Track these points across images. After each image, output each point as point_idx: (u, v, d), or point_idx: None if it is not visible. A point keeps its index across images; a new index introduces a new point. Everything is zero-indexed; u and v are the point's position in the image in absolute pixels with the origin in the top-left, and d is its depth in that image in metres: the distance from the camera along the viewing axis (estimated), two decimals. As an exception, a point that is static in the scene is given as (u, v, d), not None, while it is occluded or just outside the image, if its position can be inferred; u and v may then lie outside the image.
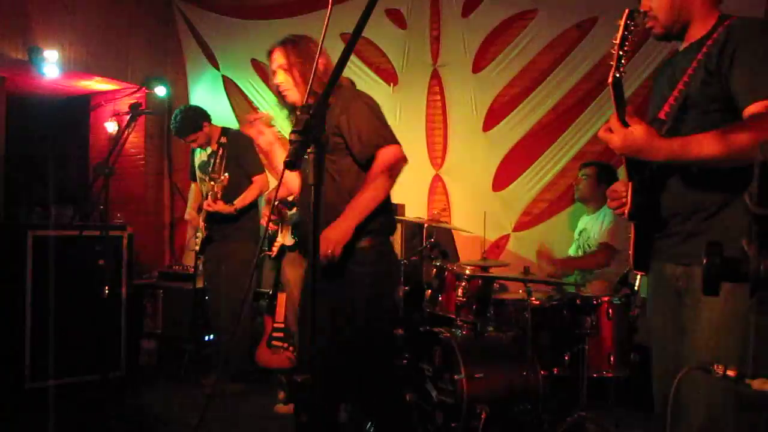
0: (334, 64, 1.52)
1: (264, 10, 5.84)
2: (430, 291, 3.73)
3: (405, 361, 3.54)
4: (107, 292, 3.62)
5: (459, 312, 3.43)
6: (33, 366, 3.83)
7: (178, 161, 6.51)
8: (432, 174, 5.17)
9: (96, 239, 4.00)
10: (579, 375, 3.04)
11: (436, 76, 5.18)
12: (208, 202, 4.12)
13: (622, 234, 3.63)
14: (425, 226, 4.15)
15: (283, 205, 4.24)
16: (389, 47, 5.31)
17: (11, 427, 3.45)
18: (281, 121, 2.94)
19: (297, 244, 4.23)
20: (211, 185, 4.08)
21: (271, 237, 4.39)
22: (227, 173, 4.03)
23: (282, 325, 4.26)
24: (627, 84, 1.70)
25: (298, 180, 2.73)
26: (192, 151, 4.60)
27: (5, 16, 5.15)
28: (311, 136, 1.39)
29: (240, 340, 4.32)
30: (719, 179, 1.70)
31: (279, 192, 3.39)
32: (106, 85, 6.33)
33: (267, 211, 4.50)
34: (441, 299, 3.62)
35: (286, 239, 4.34)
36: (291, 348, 4.14)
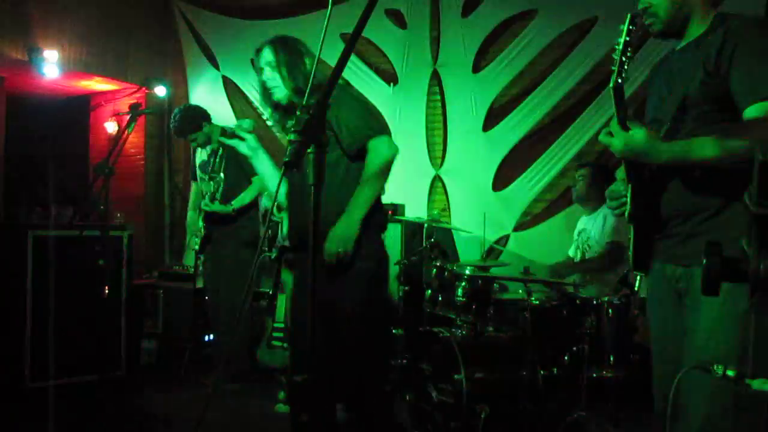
0: (330, 64, 1.52)
1: (264, 10, 5.84)
2: (430, 291, 3.73)
3: (405, 361, 3.54)
4: (107, 292, 3.62)
5: (459, 312, 3.43)
6: (33, 366, 3.83)
7: (178, 161, 6.51)
8: (432, 174, 5.17)
9: (96, 239, 4.00)
10: (579, 375, 3.04)
11: (436, 76, 5.18)
12: (205, 202, 4.12)
13: (625, 230, 3.63)
14: (425, 226, 4.15)
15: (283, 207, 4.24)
16: (389, 47, 5.31)
17: (11, 427, 3.45)
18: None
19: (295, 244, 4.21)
20: (210, 185, 4.09)
21: (271, 238, 4.39)
22: (226, 173, 4.02)
23: (282, 325, 4.26)
24: (627, 84, 1.70)
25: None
26: (193, 151, 4.60)
27: (5, 16, 5.15)
28: (311, 136, 1.39)
29: (240, 340, 4.32)
30: (719, 180, 1.70)
31: None
32: (106, 85, 6.33)
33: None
34: (441, 299, 3.62)
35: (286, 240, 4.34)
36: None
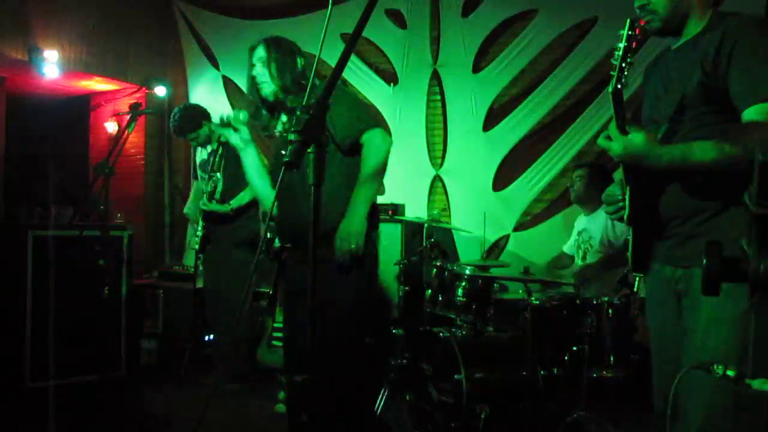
0: (330, 64, 1.53)
1: (264, 10, 5.84)
2: (430, 291, 3.73)
3: (405, 361, 3.54)
4: (107, 292, 3.62)
5: (459, 312, 3.43)
6: (33, 366, 3.83)
7: (178, 161, 6.51)
8: (432, 174, 5.17)
9: (96, 239, 4.00)
10: (579, 375, 3.04)
11: (436, 76, 5.18)
12: (203, 201, 4.12)
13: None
14: (425, 226, 4.15)
15: None
16: (389, 47, 5.31)
17: (11, 427, 3.45)
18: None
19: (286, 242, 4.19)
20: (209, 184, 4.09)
21: (270, 239, 4.38)
22: (225, 172, 4.02)
23: (282, 325, 4.26)
24: (631, 78, 1.68)
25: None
26: (194, 150, 4.60)
27: (5, 16, 5.15)
28: (311, 136, 1.39)
29: (240, 340, 4.32)
30: (718, 182, 1.68)
31: None
32: (106, 85, 6.33)
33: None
34: (441, 299, 3.62)
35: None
36: None
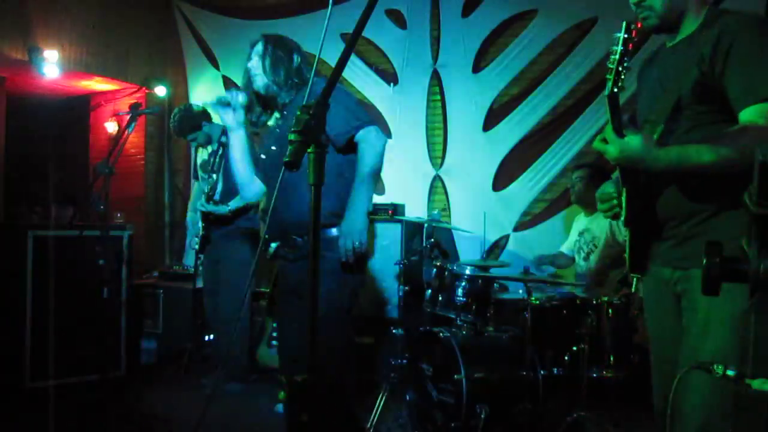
0: (330, 64, 1.53)
1: (264, 10, 5.84)
2: (430, 291, 3.73)
3: (405, 361, 3.54)
4: (107, 292, 3.62)
5: (459, 312, 3.43)
6: (33, 366, 3.83)
7: (178, 161, 6.51)
8: (432, 174, 5.17)
9: (96, 239, 4.00)
10: (579, 375, 3.04)
11: (436, 76, 5.18)
12: (201, 202, 4.12)
13: None
14: (425, 226, 4.14)
15: None
16: (389, 47, 5.32)
17: (11, 427, 3.45)
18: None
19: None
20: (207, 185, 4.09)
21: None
22: (225, 173, 4.01)
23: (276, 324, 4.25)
24: (628, 82, 1.66)
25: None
26: (194, 150, 4.60)
27: (5, 16, 5.15)
28: (311, 136, 1.39)
29: (240, 340, 4.32)
30: (715, 183, 1.67)
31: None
32: (106, 85, 6.33)
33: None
34: (441, 299, 3.62)
35: None
36: None
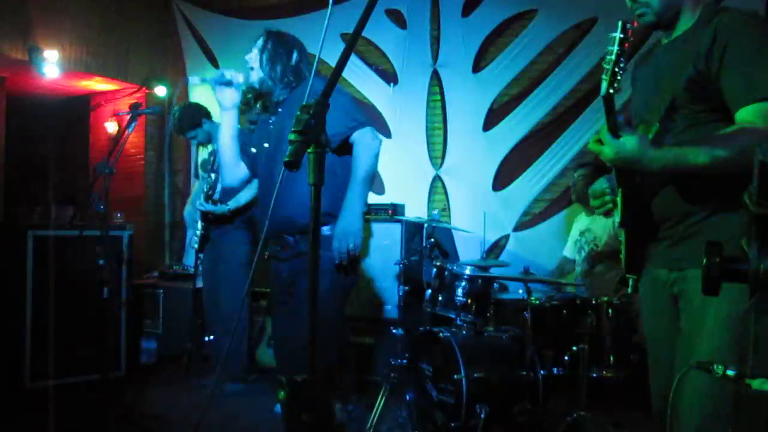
0: (330, 64, 1.53)
1: (264, 10, 5.84)
2: (430, 291, 3.73)
3: (405, 361, 3.54)
4: (107, 292, 3.62)
5: (459, 312, 3.43)
6: (33, 366, 3.83)
7: (178, 161, 6.51)
8: (432, 174, 5.17)
9: (96, 239, 4.00)
10: (579, 375, 3.04)
11: (436, 76, 5.18)
12: (200, 201, 4.12)
13: None
14: (425, 226, 4.14)
15: None
16: (389, 47, 5.31)
17: (11, 427, 3.45)
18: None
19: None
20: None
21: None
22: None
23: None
24: (625, 84, 1.64)
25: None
26: (195, 149, 4.60)
27: (5, 16, 5.15)
28: (311, 136, 1.39)
29: (240, 340, 4.31)
30: (711, 183, 1.65)
31: None
32: (106, 85, 6.33)
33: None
34: (441, 299, 3.62)
35: None
36: None
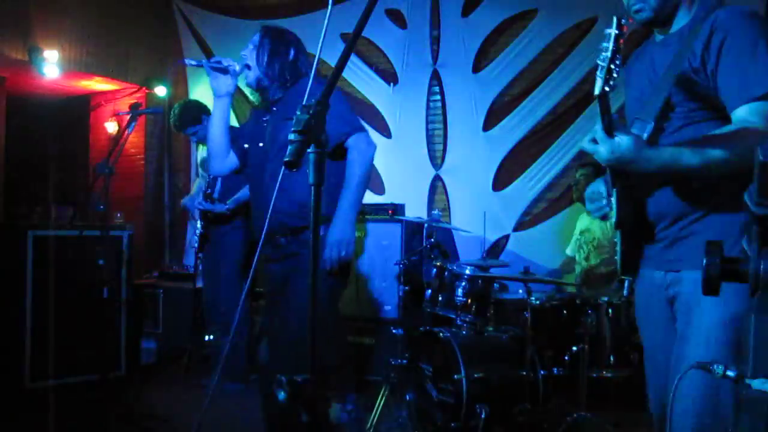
0: (330, 64, 1.53)
1: (264, 10, 5.84)
2: (430, 291, 3.73)
3: (405, 361, 3.54)
4: (107, 292, 3.62)
5: (459, 312, 3.43)
6: (33, 366, 3.83)
7: (178, 161, 6.51)
8: (432, 174, 5.17)
9: (96, 239, 4.00)
10: (579, 375, 3.04)
11: (436, 76, 5.18)
12: (199, 200, 4.12)
13: None
14: (425, 226, 4.14)
15: None
16: (389, 47, 5.32)
17: (11, 427, 3.45)
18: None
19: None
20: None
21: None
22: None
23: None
24: (623, 85, 1.63)
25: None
26: (195, 148, 4.60)
27: (5, 16, 5.15)
28: (311, 136, 1.39)
29: (240, 339, 4.31)
30: (706, 184, 1.63)
31: None
32: (106, 85, 6.33)
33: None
34: (441, 299, 3.62)
35: None
36: None
